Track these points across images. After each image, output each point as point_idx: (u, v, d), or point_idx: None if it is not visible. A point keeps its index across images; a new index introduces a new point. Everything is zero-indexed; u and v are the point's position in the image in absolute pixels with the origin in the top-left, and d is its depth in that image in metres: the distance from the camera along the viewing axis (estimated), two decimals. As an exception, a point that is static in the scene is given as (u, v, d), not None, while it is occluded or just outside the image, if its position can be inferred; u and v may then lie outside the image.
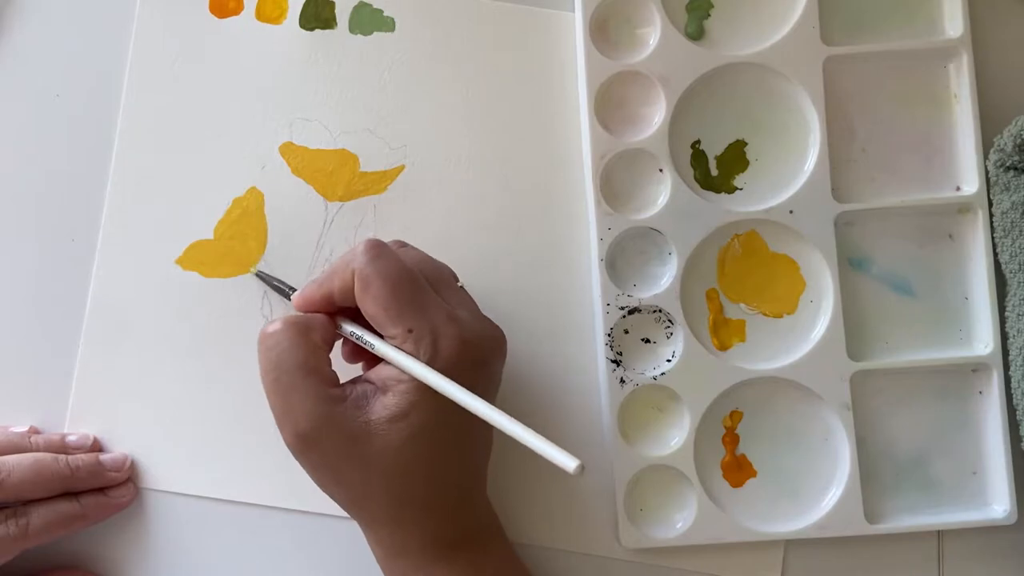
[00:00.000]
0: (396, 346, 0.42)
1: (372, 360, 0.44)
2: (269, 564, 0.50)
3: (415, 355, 0.41)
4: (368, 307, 0.42)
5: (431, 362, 0.41)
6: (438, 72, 0.51)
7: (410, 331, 0.41)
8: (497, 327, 0.44)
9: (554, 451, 0.39)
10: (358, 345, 0.44)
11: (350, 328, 0.44)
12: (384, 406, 0.41)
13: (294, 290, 0.48)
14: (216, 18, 0.51)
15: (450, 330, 0.42)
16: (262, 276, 0.50)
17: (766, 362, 0.50)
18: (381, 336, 0.43)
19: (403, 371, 0.41)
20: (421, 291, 0.42)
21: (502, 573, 0.45)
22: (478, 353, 0.42)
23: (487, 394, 0.43)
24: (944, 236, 0.51)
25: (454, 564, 0.43)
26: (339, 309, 0.44)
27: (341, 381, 0.43)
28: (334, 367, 0.43)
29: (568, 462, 0.38)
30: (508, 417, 0.40)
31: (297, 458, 0.43)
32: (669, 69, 0.50)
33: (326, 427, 0.41)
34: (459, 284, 0.45)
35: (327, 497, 0.43)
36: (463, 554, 0.43)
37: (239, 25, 0.52)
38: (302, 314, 0.44)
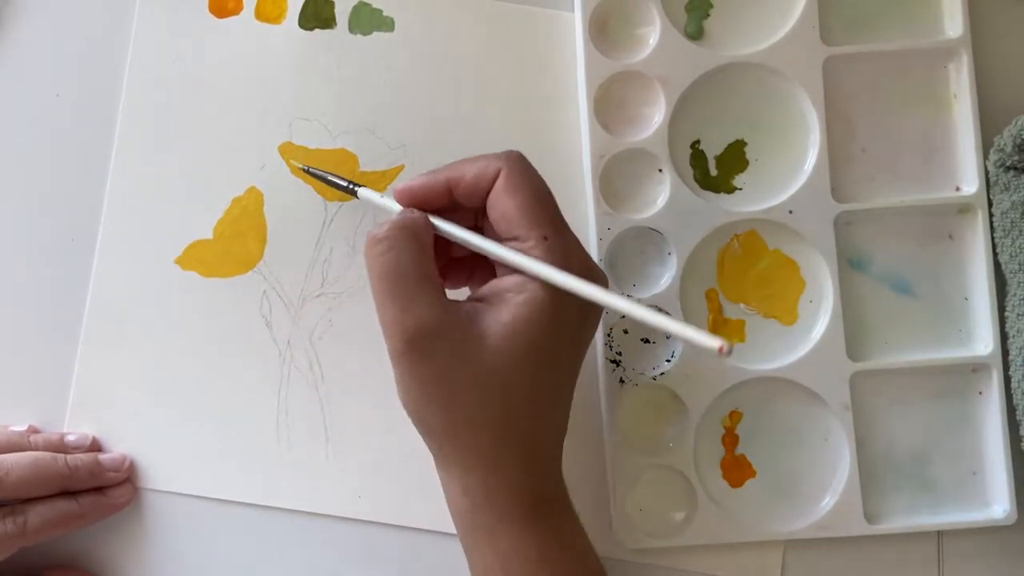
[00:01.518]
0: (522, 252, 0.40)
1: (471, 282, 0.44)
2: (269, 564, 0.50)
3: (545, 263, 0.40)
4: (506, 206, 0.40)
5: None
6: (438, 72, 0.51)
7: (545, 238, 0.40)
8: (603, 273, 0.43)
9: (699, 335, 0.37)
10: (460, 270, 0.44)
11: (462, 233, 0.42)
12: (497, 320, 0.40)
13: (357, 185, 0.46)
14: (216, 18, 0.52)
15: (582, 253, 0.41)
16: (313, 172, 0.48)
17: (766, 362, 0.50)
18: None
19: (533, 274, 0.40)
20: (558, 210, 0.41)
21: (581, 547, 0.42)
22: (600, 284, 0.41)
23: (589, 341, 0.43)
24: (944, 236, 0.51)
25: (541, 525, 0.40)
26: (436, 210, 0.42)
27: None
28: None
29: (712, 343, 0.36)
30: (647, 308, 0.39)
31: (404, 370, 0.40)
32: (669, 69, 0.50)
33: (441, 335, 0.39)
34: None
35: (327, 497, 0.43)
36: (550, 520, 0.41)
37: (239, 25, 0.52)
38: (409, 216, 0.41)
